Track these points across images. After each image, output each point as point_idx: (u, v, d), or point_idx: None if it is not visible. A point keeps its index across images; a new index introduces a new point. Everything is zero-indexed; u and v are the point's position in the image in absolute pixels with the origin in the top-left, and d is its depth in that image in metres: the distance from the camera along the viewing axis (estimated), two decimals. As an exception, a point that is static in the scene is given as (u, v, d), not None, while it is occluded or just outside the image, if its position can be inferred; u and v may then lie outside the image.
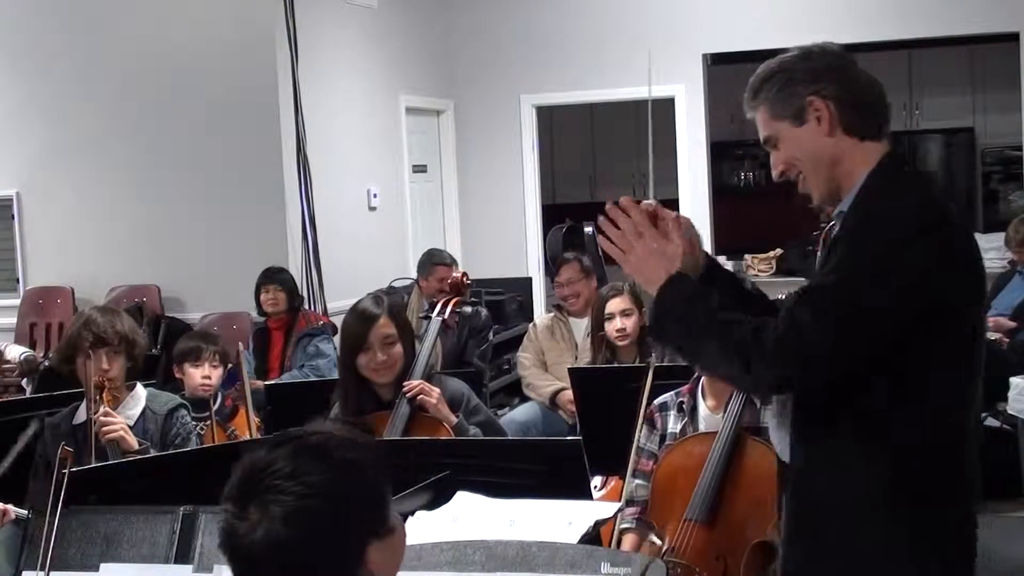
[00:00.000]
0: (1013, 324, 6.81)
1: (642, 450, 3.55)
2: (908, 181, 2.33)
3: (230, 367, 5.41)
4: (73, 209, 7.89)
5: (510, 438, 3.59)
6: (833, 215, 2.34)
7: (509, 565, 2.20)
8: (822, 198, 2.35)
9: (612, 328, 5.13)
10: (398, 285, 7.68)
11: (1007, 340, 6.71)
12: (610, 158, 11.99)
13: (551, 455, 3.13)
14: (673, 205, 9.40)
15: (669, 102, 9.18)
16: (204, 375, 4.85)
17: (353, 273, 7.70)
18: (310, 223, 7.53)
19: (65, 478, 2.56)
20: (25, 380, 6.24)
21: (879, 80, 2.36)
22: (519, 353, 6.29)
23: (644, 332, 5.22)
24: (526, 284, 9.09)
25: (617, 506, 3.00)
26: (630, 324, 5.13)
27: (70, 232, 7.92)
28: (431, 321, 3.94)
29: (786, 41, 8.39)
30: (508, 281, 8.88)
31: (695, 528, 3.23)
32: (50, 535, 2.40)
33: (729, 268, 9.63)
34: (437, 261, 6.78)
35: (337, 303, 7.39)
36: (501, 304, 8.27)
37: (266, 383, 5.67)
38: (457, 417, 3.62)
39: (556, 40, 9.29)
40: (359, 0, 8.28)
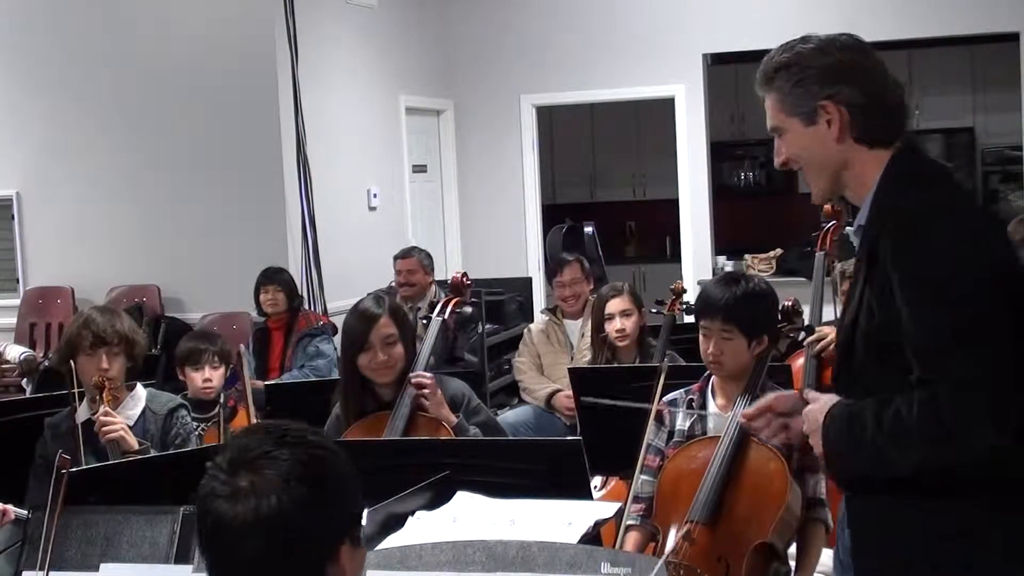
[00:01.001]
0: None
1: (649, 446, 3.55)
2: (921, 178, 2.20)
3: (231, 367, 5.41)
4: (73, 209, 7.89)
5: (510, 438, 3.59)
6: (852, 231, 2.27)
7: (509, 565, 2.19)
8: (821, 196, 2.30)
9: (612, 328, 5.13)
10: (395, 285, 7.67)
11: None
12: (610, 158, 11.99)
13: (551, 455, 3.13)
14: (673, 205, 9.44)
15: (669, 102, 9.19)
16: (205, 378, 4.86)
17: (353, 273, 7.70)
18: (310, 223, 7.53)
19: (63, 483, 2.56)
20: (25, 380, 6.25)
21: (900, 81, 2.24)
22: (515, 358, 6.29)
23: (644, 332, 5.23)
24: (526, 284, 9.08)
25: (617, 506, 3.00)
26: (630, 324, 5.13)
27: (70, 232, 7.92)
28: (431, 321, 3.94)
29: (786, 41, 8.25)
30: (508, 281, 8.88)
31: (697, 529, 3.23)
32: (49, 537, 2.40)
33: (730, 268, 9.68)
34: (397, 255, 6.91)
35: (337, 303, 7.39)
36: (501, 304, 8.26)
37: (266, 383, 5.67)
38: (457, 418, 3.62)
39: (556, 40, 9.30)
40: (359, 0, 8.29)
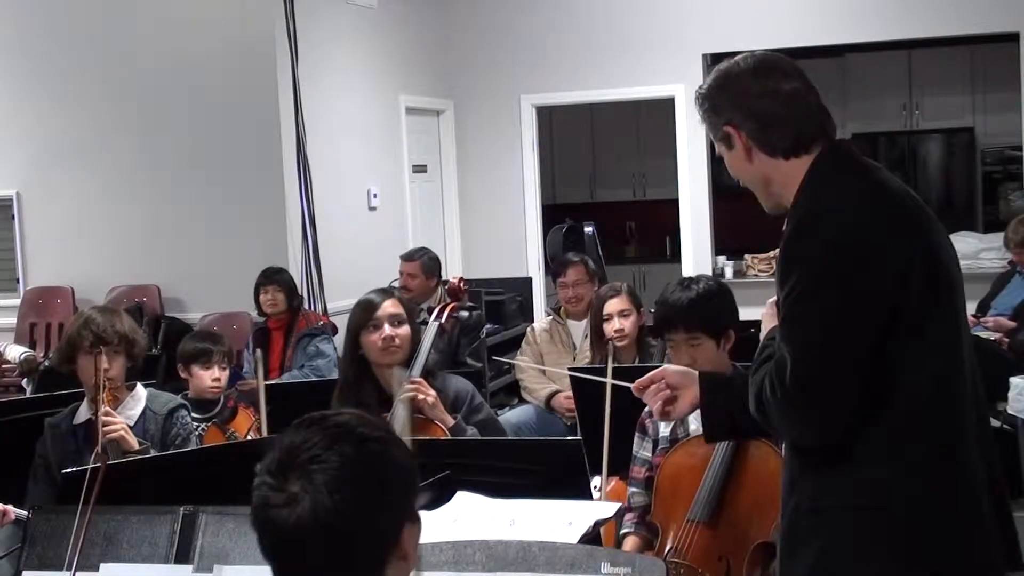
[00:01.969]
0: (1013, 324, 6.81)
1: (635, 457, 3.55)
2: (825, 179, 2.25)
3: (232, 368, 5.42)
4: (73, 209, 7.89)
5: (510, 438, 3.59)
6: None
7: (509, 565, 2.20)
8: (769, 209, 2.40)
9: (611, 329, 5.13)
10: (398, 285, 7.68)
11: (1007, 340, 6.70)
12: (610, 158, 11.99)
13: (551, 455, 3.13)
14: (673, 205, 9.43)
15: (669, 102, 9.18)
16: (214, 378, 4.86)
17: (353, 273, 7.70)
18: (310, 223, 7.53)
19: (99, 480, 2.56)
20: (25, 380, 6.25)
21: (813, 87, 2.30)
22: (517, 357, 6.29)
23: (643, 332, 5.23)
24: (526, 284, 9.08)
25: (617, 506, 3.00)
26: (628, 324, 5.13)
27: (70, 232, 7.92)
28: (428, 326, 3.94)
29: (786, 41, 8.41)
30: (508, 281, 8.88)
31: (698, 528, 3.23)
32: (79, 536, 2.37)
33: (730, 268, 9.65)
34: (403, 256, 6.89)
35: (337, 303, 7.39)
36: (501, 304, 8.26)
37: (266, 383, 5.66)
38: (455, 419, 3.61)
39: (556, 40, 9.30)
40: (359, 0, 8.29)
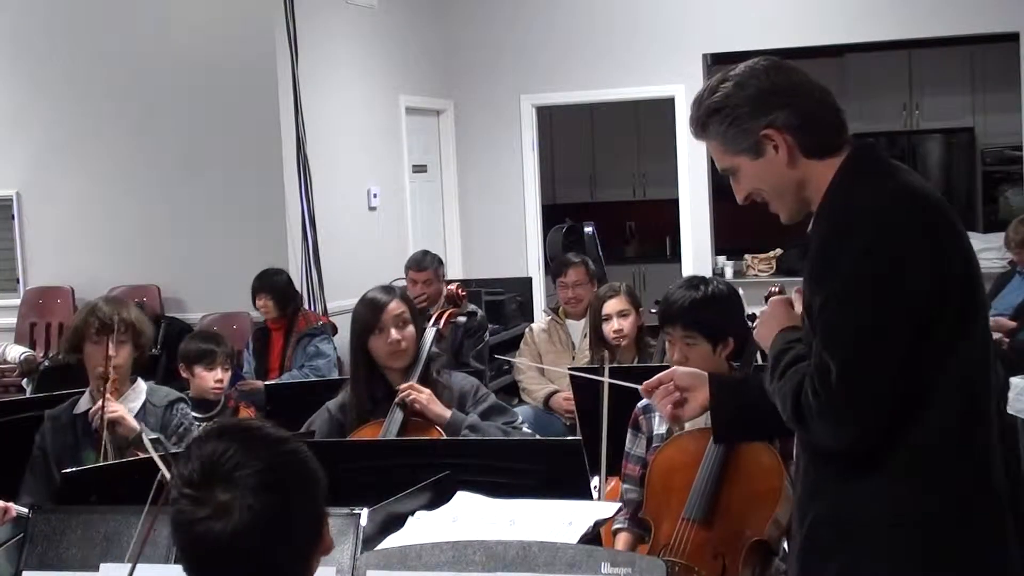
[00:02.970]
0: (1013, 324, 6.81)
1: (628, 454, 3.55)
2: (859, 178, 2.22)
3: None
4: (73, 209, 7.89)
5: (510, 438, 3.59)
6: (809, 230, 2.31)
7: (509, 565, 2.20)
8: (791, 218, 2.31)
9: (609, 329, 5.13)
10: (398, 285, 7.66)
11: (1007, 340, 6.70)
12: (610, 158, 11.99)
13: (551, 455, 3.13)
14: (673, 205, 9.43)
15: (669, 102, 9.18)
16: (217, 379, 4.86)
17: (353, 273, 7.70)
18: (310, 223, 7.53)
19: (167, 484, 2.54)
20: (25, 380, 6.26)
21: (826, 87, 2.28)
22: (516, 357, 6.29)
23: (642, 332, 5.23)
24: (526, 284, 9.08)
25: (617, 506, 3.00)
26: (627, 325, 5.13)
27: (70, 232, 7.92)
28: (426, 331, 3.94)
29: (786, 41, 8.41)
30: (508, 281, 8.88)
31: (693, 527, 3.23)
32: (142, 538, 2.36)
33: (730, 268, 9.64)
34: (409, 265, 6.65)
35: (337, 303, 7.39)
36: (501, 304, 8.26)
37: (266, 383, 5.67)
38: (451, 411, 3.61)
39: (556, 40, 9.30)
40: (359, 0, 8.29)
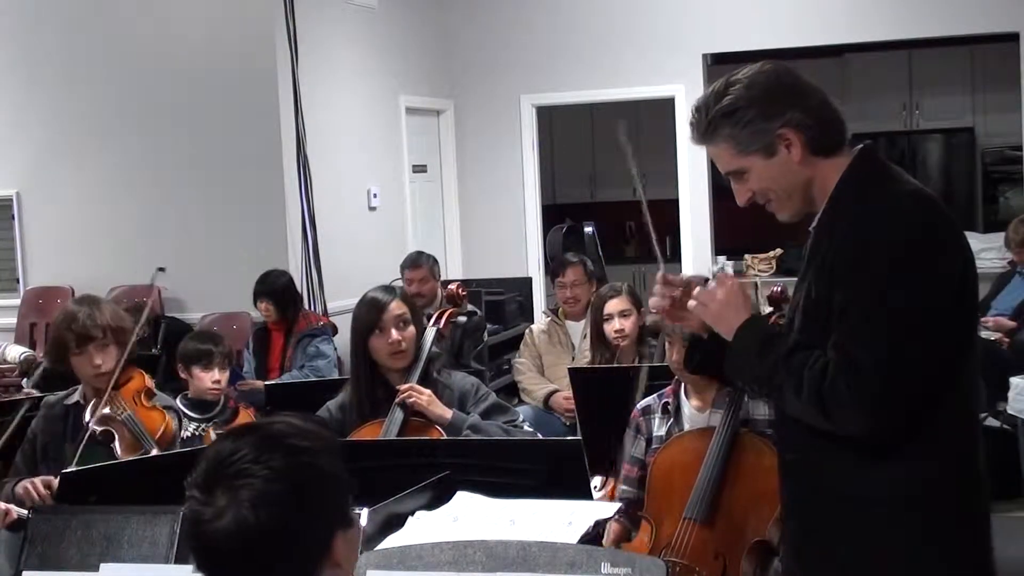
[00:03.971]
0: (1013, 324, 6.81)
1: (627, 456, 3.56)
2: (880, 182, 2.29)
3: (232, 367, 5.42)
4: (73, 209, 7.89)
5: (510, 438, 3.58)
6: (812, 227, 2.34)
7: (509, 565, 2.20)
8: (796, 216, 2.36)
9: (611, 329, 5.13)
10: (398, 285, 7.66)
11: (1007, 340, 6.70)
12: (610, 158, 11.97)
13: (551, 455, 3.13)
14: (673, 205, 9.43)
15: (669, 102, 9.18)
16: (215, 379, 4.85)
17: (353, 273, 7.70)
18: (310, 223, 7.53)
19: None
20: (25, 380, 6.25)
21: (826, 86, 2.35)
22: (516, 358, 6.29)
23: (643, 332, 5.23)
24: (526, 284, 9.08)
25: (617, 506, 3.01)
26: (629, 324, 5.13)
27: (70, 232, 7.91)
28: (426, 331, 3.94)
29: (786, 41, 8.41)
30: (508, 281, 8.88)
31: (694, 527, 3.23)
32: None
33: (730, 268, 9.63)
34: (405, 264, 6.73)
35: (337, 303, 7.39)
36: (501, 304, 8.26)
37: (266, 383, 5.67)
38: (452, 412, 3.61)
39: (556, 40, 9.29)
40: (359, 0, 8.29)
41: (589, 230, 9.85)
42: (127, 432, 3.67)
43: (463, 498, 2.65)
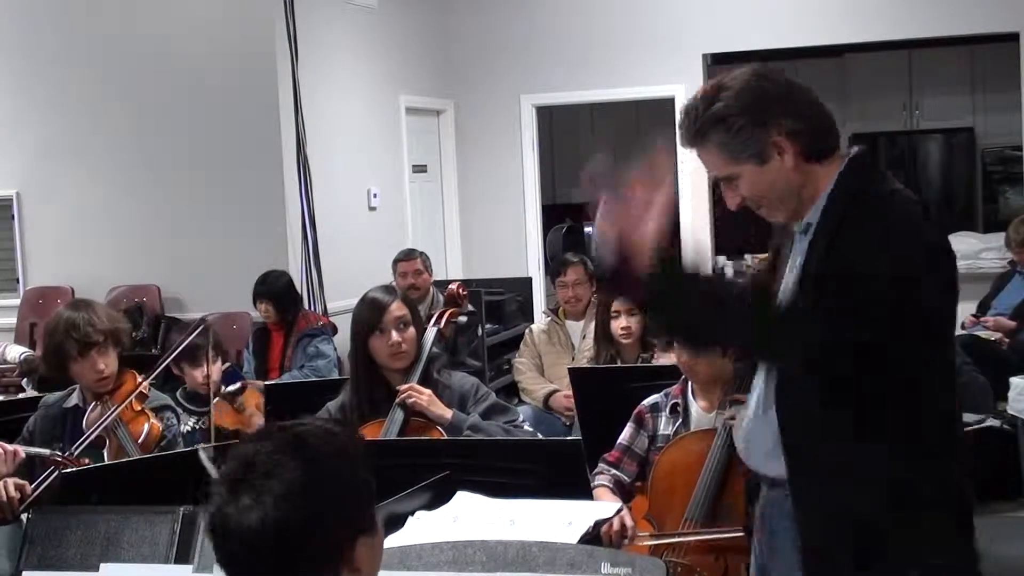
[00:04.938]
0: (1013, 324, 6.82)
1: (628, 449, 3.55)
2: (874, 177, 2.31)
3: (228, 365, 5.42)
4: (73, 209, 7.89)
5: (510, 438, 3.58)
6: (798, 226, 2.35)
7: (509, 565, 2.20)
8: (789, 220, 2.36)
9: (618, 326, 5.13)
10: (404, 285, 7.67)
11: (1007, 340, 6.71)
12: (610, 158, 11.96)
13: (551, 455, 3.13)
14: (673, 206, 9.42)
15: (669, 102, 9.16)
16: (204, 375, 4.86)
17: (353, 273, 7.70)
18: (310, 223, 7.53)
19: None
20: (25, 380, 6.25)
21: (826, 87, 2.35)
22: (516, 358, 6.29)
23: (646, 331, 5.23)
24: (526, 284, 9.08)
25: (617, 506, 3.00)
26: (635, 322, 5.13)
27: (70, 232, 7.91)
28: (426, 331, 3.93)
29: (786, 41, 8.40)
30: (508, 281, 8.87)
31: (696, 528, 3.23)
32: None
33: (730, 268, 9.63)
34: (398, 258, 6.88)
35: (337, 303, 7.39)
36: (501, 304, 8.26)
37: (266, 383, 5.67)
38: (452, 412, 3.61)
39: (556, 40, 9.29)
40: (359, 0, 8.29)
41: (589, 230, 9.84)
42: (115, 438, 3.69)
43: (463, 498, 2.65)
